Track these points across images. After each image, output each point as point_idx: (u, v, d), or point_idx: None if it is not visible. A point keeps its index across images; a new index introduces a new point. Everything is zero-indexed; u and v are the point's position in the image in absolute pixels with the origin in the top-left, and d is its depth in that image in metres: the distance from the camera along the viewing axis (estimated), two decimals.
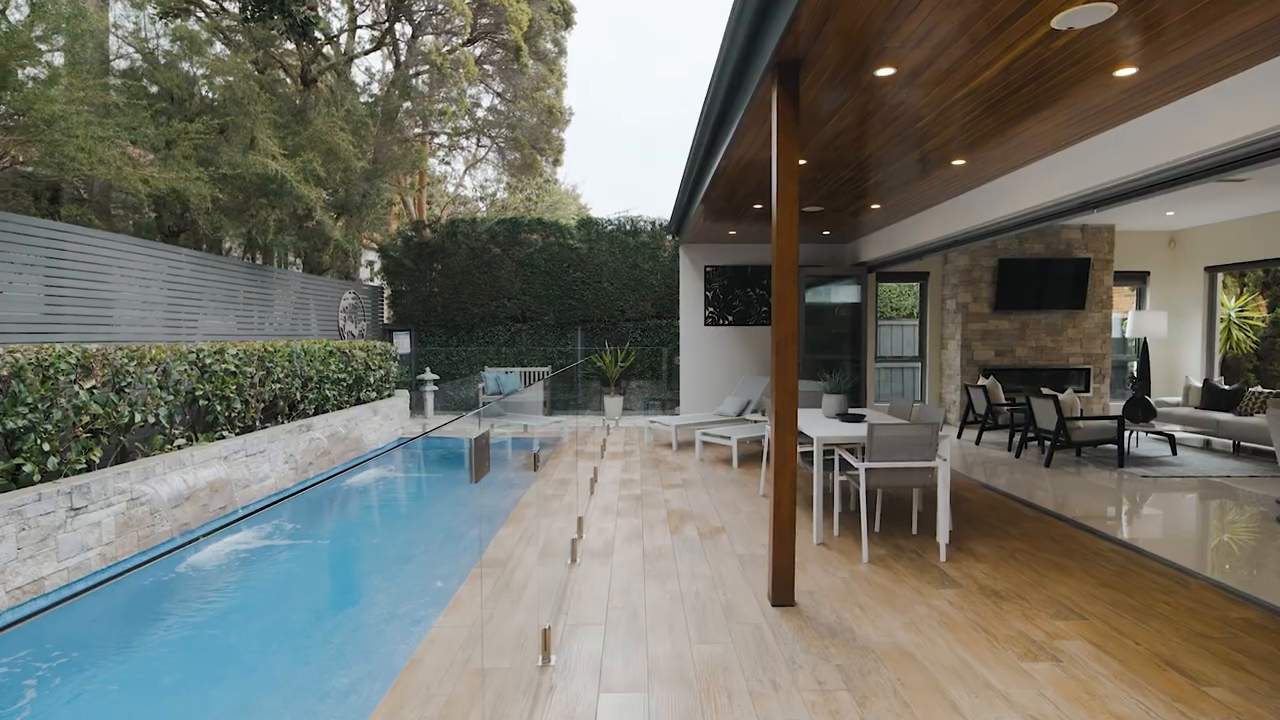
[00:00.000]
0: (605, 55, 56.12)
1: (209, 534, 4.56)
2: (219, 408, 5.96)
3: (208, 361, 5.85)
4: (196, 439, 5.77)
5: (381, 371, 9.57)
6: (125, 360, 4.86)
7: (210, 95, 7.91)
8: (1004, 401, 9.11)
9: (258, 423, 6.60)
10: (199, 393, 5.73)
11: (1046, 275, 10.37)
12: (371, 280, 13.72)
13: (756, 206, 7.83)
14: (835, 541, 4.83)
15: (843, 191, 7.20)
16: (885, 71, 3.84)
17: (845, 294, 10.69)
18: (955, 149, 5.36)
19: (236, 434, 6.22)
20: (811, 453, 5.36)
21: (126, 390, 4.89)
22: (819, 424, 5.27)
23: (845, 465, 5.10)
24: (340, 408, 8.46)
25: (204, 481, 5.44)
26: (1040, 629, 3.39)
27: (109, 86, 6.22)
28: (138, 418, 4.95)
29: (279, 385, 6.91)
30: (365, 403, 9.11)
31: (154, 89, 7.52)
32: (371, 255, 14.49)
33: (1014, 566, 4.27)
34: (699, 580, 4.09)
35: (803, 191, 7.21)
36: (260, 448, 6.33)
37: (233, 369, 6.12)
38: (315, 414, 7.80)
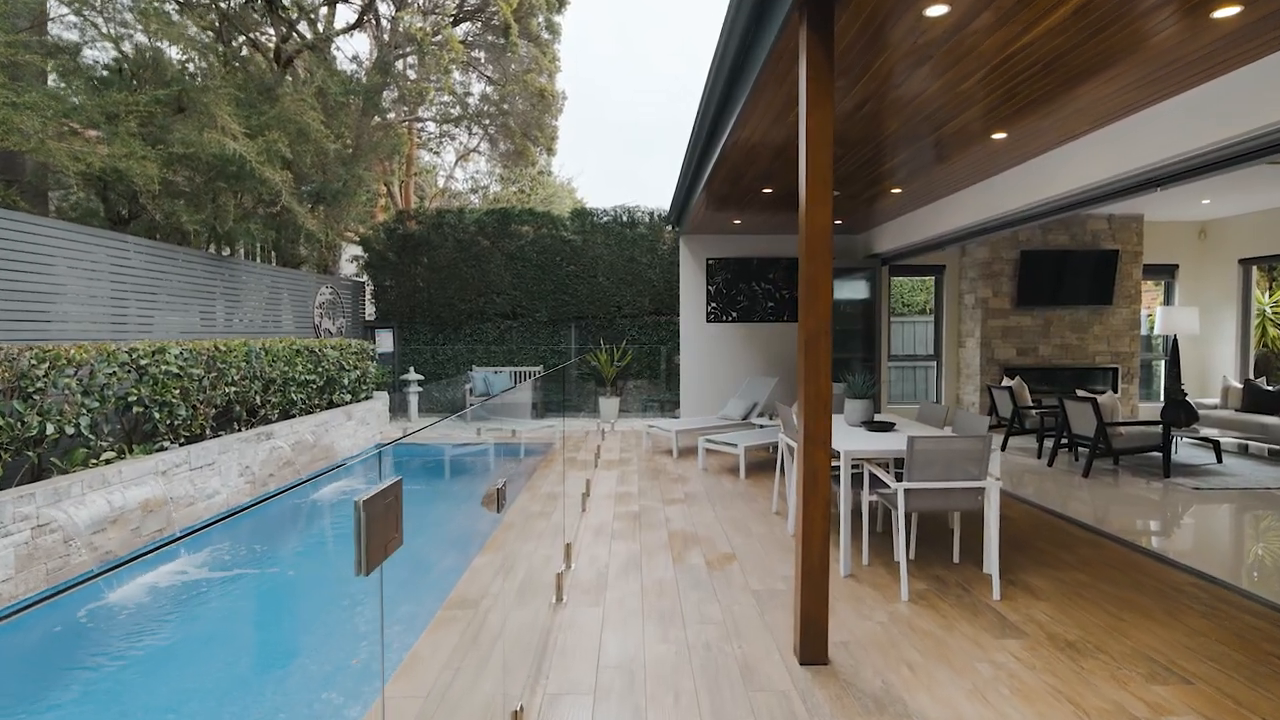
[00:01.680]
0: (601, 47, 55.31)
1: (109, 571, 3.83)
2: (158, 415, 5.24)
3: (144, 363, 5.13)
4: (130, 451, 5.05)
5: (357, 372, 8.86)
6: (33, 362, 4.15)
7: (167, 66, 7.17)
8: (1031, 404, 8.44)
9: (208, 431, 5.89)
10: (133, 398, 5.02)
11: (1072, 268, 9.70)
12: (358, 275, 13.00)
13: (765, 191, 7.14)
14: (866, 573, 4.14)
15: (861, 174, 6.52)
16: (936, 10, 3.15)
17: (856, 289, 10.01)
18: (999, 119, 4.67)
19: (181, 444, 5.51)
20: (835, 468, 4.68)
21: (36, 397, 4.17)
22: (842, 434, 4.59)
23: (875, 482, 4.42)
24: (310, 412, 7.75)
25: (135, 501, 4.73)
26: (1138, 698, 2.71)
27: (28, 45, 5.48)
28: (50, 429, 4.24)
29: (234, 388, 6.19)
30: (339, 406, 8.40)
31: (96, 56, 6.79)
32: (358, 249, 13.76)
33: (1082, 606, 3.59)
34: (708, 627, 3.40)
35: None
36: (209, 459, 5.62)
37: (176, 371, 5.40)
38: (280, 420, 7.09)
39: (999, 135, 4.97)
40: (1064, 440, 7.41)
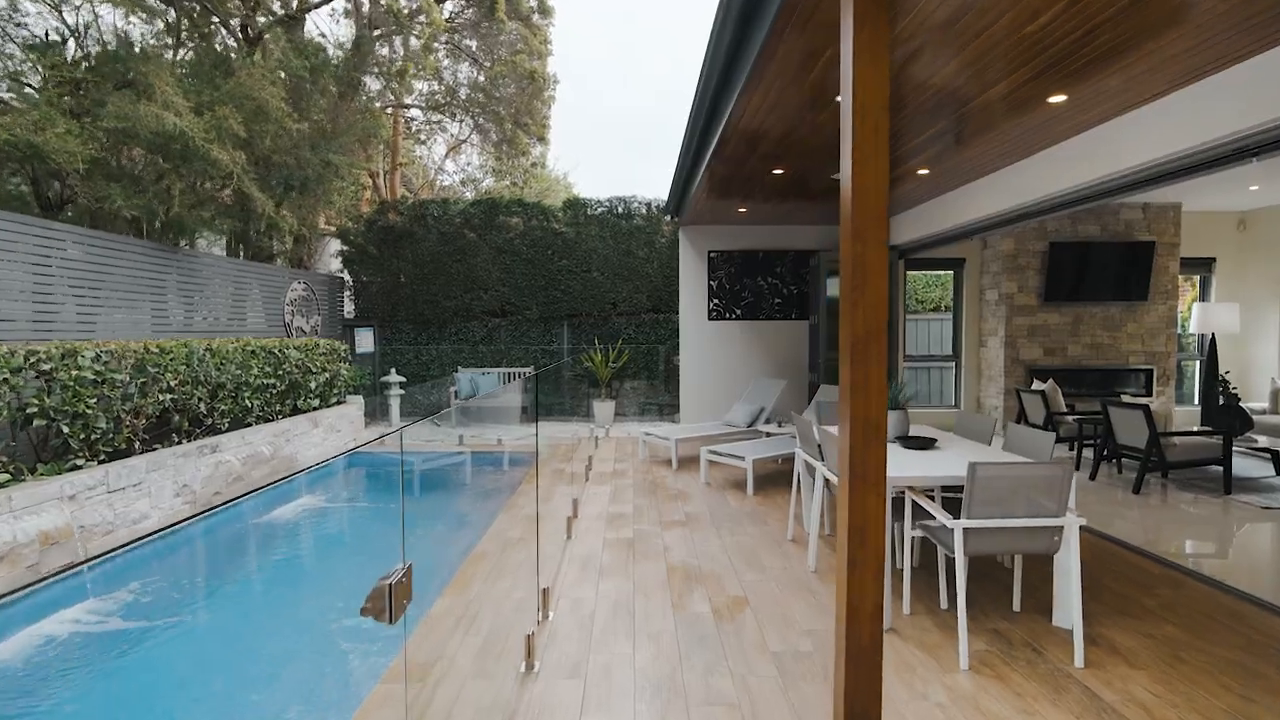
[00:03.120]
0: (595, 50, 54.35)
1: None
2: (68, 428, 4.48)
3: (48, 367, 4.37)
4: (32, 472, 4.29)
5: (326, 375, 8.08)
6: None
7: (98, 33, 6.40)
8: (1065, 410, 7.69)
9: (137, 445, 5.12)
10: (33, 409, 4.25)
11: (1103, 262, 8.95)
12: (342, 272, 12.21)
13: (776, 173, 6.38)
14: (908, 626, 3.39)
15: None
16: None
17: None
18: (1062, 75, 3.90)
19: (100, 462, 4.74)
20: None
21: None
22: None
23: (919, 512, 3.67)
24: (270, 420, 6.98)
25: (31, 533, 3.97)
26: None
27: None
28: None
29: (171, 396, 5.43)
30: (304, 412, 7.63)
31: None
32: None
33: (1189, 677, 2.84)
34: (719, 710, 2.64)
35: (833, 151, 5.77)
36: (135, 479, 4.86)
37: (92, 377, 4.63)
38: (231, 430, 6.32)
39: (1057, 98, 4.21)
40: (1106, 451, 6.67)
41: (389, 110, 14.86)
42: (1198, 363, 10.22)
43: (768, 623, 3.43)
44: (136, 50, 6.61)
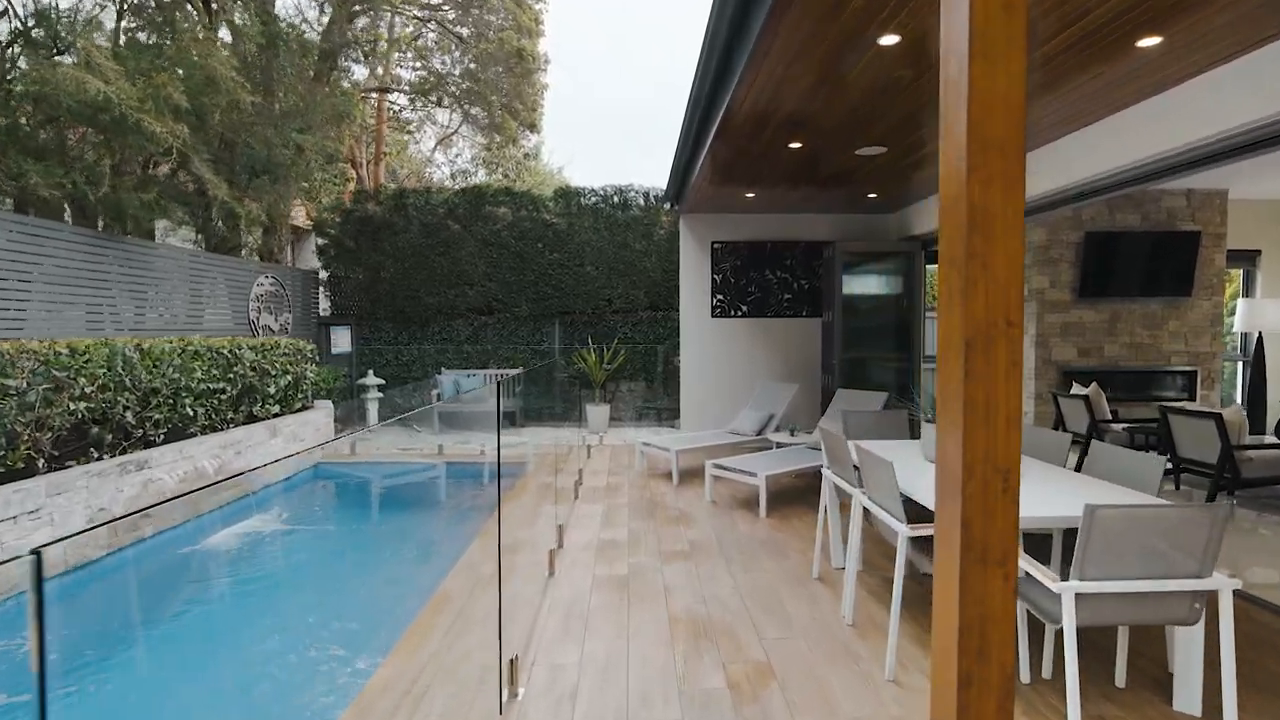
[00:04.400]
0: (593, 40, 53.47)
1: None
2: None
3: None
4: None
5: (288, 377, 7.28)
6: None
7: None
8: (1110, 417, 6.93)
9: (41, 464, 4.33)
10: None
11: (1144, 254, 8.19)
12: (320, 270, 11.41)
13: (793, 147, 5.59)
14: None
15: (909, 126, 5.03)
16: None
17: (887, 277, 8.47)
18: (1155, 12, 3.13)
19: None
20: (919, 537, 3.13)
21: None
22: (928, 479, 3.05)
23: None
24: (218, 429, 6.18)
25: None
26: None
27: None
28: None
29: (87, 404, 4.63)
30: (261, 419, 6.83)
31: None
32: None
33: None
34: None
35: (860, 121, 5.00)
36: (31, 504, 4.06)
37: None
38: (168, 442, 5.52)
39: (1149, 41, 3.43)
40: (1170, 464, 5.90)
41: (372, 96, 14.07)
42: (1240, 364, 9.48)
43: (802, 705, 2.65)
44: (65, 10, 5.81)
